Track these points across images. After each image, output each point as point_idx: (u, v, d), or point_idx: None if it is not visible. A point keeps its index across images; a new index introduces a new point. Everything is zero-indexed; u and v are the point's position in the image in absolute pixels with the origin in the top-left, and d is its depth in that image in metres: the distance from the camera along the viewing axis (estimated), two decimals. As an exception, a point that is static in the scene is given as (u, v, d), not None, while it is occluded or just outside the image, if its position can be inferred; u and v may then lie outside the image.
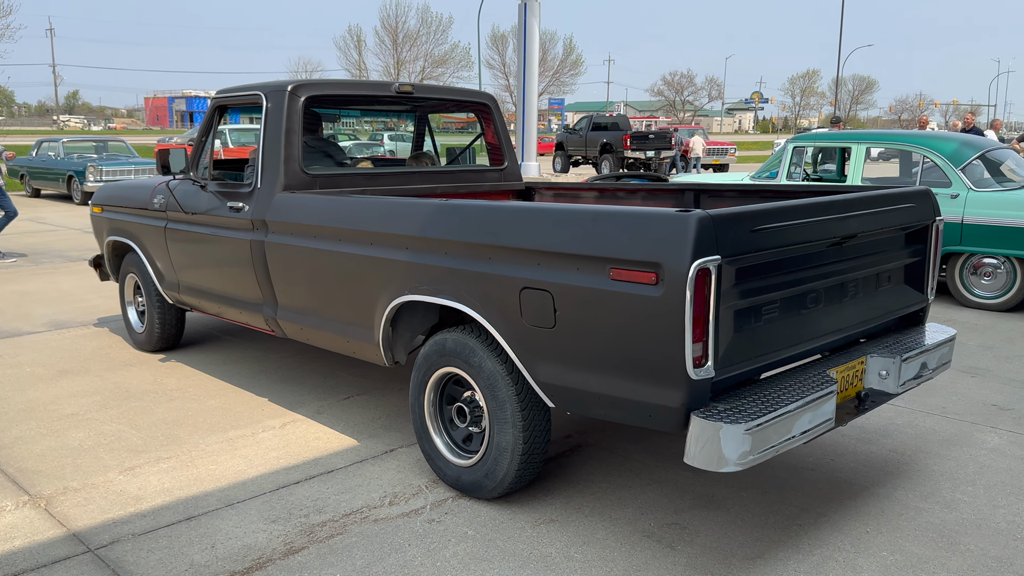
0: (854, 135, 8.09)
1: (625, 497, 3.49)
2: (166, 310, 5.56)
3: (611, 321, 2.74)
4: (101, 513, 3.35)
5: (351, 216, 3.76)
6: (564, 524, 3.25)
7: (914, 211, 3.56)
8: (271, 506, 3.41)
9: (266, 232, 4.28)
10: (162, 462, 3.87)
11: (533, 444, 3.24)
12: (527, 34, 21.54)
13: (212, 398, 4.78)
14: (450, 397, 3.56)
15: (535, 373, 3.05)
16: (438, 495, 3.51)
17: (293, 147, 4.32)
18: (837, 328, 3.24)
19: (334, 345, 4.04)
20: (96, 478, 3.69)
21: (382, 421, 4.39)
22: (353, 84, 4.81)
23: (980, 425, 4.36)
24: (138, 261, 5.60)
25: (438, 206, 3.37)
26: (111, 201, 5.79)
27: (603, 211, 2.77)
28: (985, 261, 7.14)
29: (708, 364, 2.62)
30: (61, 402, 4.72)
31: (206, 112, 4.95)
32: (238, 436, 4.19)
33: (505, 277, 3.04)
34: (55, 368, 5.39)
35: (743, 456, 2.58)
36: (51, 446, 4.06)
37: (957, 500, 3.48)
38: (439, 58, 66.71)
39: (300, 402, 4.70)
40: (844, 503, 3.44)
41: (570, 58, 71.25)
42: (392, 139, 25.33)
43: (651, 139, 25.71)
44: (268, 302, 4.42)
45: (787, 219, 2.85)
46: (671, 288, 2.55)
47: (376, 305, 3.68)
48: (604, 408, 2.87)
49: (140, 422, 4.39)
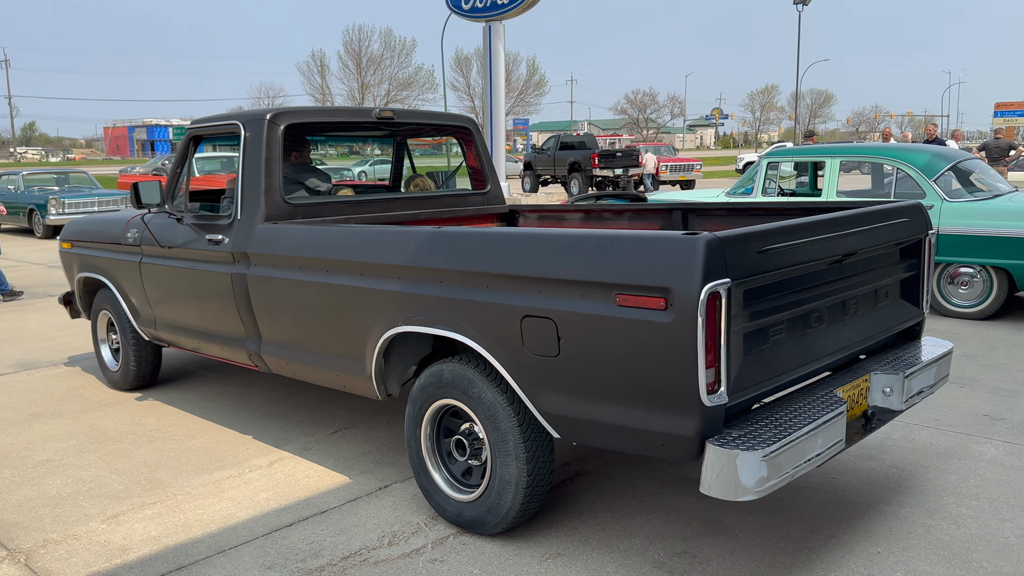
0: (828, 149, 8.16)
1: (631, 527, 3.41)
2: (142, 347, 5.39)
3: (618, 348, 2.66)
4: (85, 566, 3.18)
5: (339, 246, 3.66)
6: (572, 558, 3.15)
7: (908, 225, 3.55)
8: (265, 551, 3.27)
9: (248, 265, 4.16)
10: (146, 508, 3.70)
11: (537, 476, 3.15)
12: (492, 57, 21.55)
13: (194, 438, 4.62)
14: (447, 430, 3.46)
15: (539, 403, 2.96)
16: (438, 532, 3.39)
17: (273, 177, 4.22)
18: (840, 347, 3.20)
19: (323, 379, 3.92)
20: (77, 528, 3.51)
21: (373, 456, 4.27)
22: (333, 111, 4.72)
23: (976, 436, 4.35)
24: (111, 297, 5.42)
25: (431, 234, 3.28)
26: (81, 236, 5.61)
27: (607, 236, 2.71)
28: (961, 270, 7.21)
29: (721, 390, 2.55)
30: (35, 447, 4.52)
31: (180, 143, 4.82)
32: (224, 477, 4.04)
33: (505, 305, 2.96)
34: (26, 411, 5.19)
35: (761, 483, 2.51)
36: (27, 495, 3.88)
37: (963, 515, 3.44)
38: (403, 81, 66.84)
39: (286, 439, 4.56)
40: (851, 523, 3.39)
41: (534, 78, 71.79)
42: (369, 164, 25.25)
43: (619, 157, 25.89)
44: (251, 337, 4.28)
45: (792, 238, 2.80)
46: (681, 313, 2.49)
47: (368, 337, 3.57)
48: (613, 438, 2.79)
49: (120, 466, 4.21)
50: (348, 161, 31.56)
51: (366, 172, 28.19)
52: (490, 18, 18.06)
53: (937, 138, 14.01)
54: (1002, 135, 15.75)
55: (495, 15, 17.95)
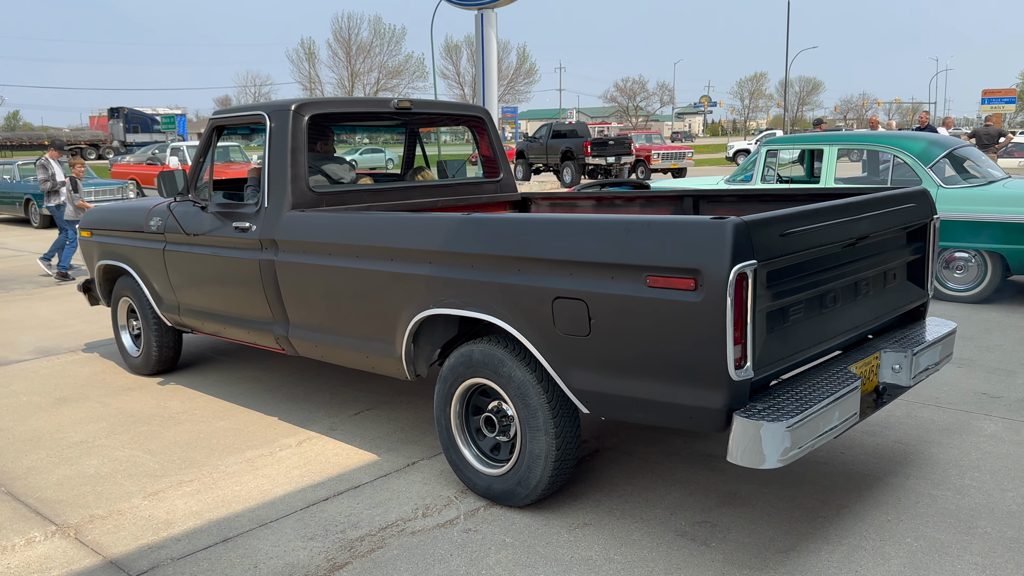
0: (826, 137, 8.33)
1: (652, 498, 3.58)
2: (164, 333, 5.51)
3: (648, 327, 2.82)
4: (134, 539, 3.33)
5: (370, 233, 3.80)
6: (598, 528, 3.32)
7: (915, 210, 3.72)
8: (305, 523, 3.43)
9: (276, 251, 4.29)
10: (184, 485, 3.85)
11: (565, 450, 3.31)
12: (485, 45, 21.58)
13: (221, 419, 4.76)
14: (476, 408, 3.62)
15: (568, 380, 3.12)
16: (469, 505, 3.55)
17: (299, 166, 4.34)
18: (853, 325, 3.37)
19: (352, 361, 4.06)
20: (121, 504, 3.66)
21: (398, 435, 4.42)
22: (354, 102, 4.85)
23: (975, 413, 4.54)
24: (133, 284, 5.54)
25: (463, 220, 3.43)
26: (102, 224, 5.72)
27: (637, 220, 2.86)
28: (957, 255, 7.41)
29: (747, 365, 2.72)
30: (66, 430, 4.65)
31: (204, 132, 4.94)
32: (256, 456, 4.18)
33: (537, 288, 3.11)
34: (52, 396, 5.31)
35: (784, 452, 2.68)
36: (67, 474, 4.01)
37: (967, 486, 3.63)
38: (393, 69, 66.67)
39: (311, 419, 4.71)
40: (862, 494, 3.57)
41: (524, 67, 71.71)
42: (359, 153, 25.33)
43: (611, 145, 26.00)
44: (278, 320, 4.42)
45: (811, 222, 2.96)
46: (711, 293, 2.64)
47: (398, 320, 3.72)
48: (642, 412, 2.95)
49: (153, 447, 4.35)
50: (340, 149, 31.62)
51: (356, 161, 28.32)
52: (482, 6, 18.08)
53: (929, 125, 14.23)
54: (992, 122, 15.98)
55: (488, 3, 17.97)
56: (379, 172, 6.85)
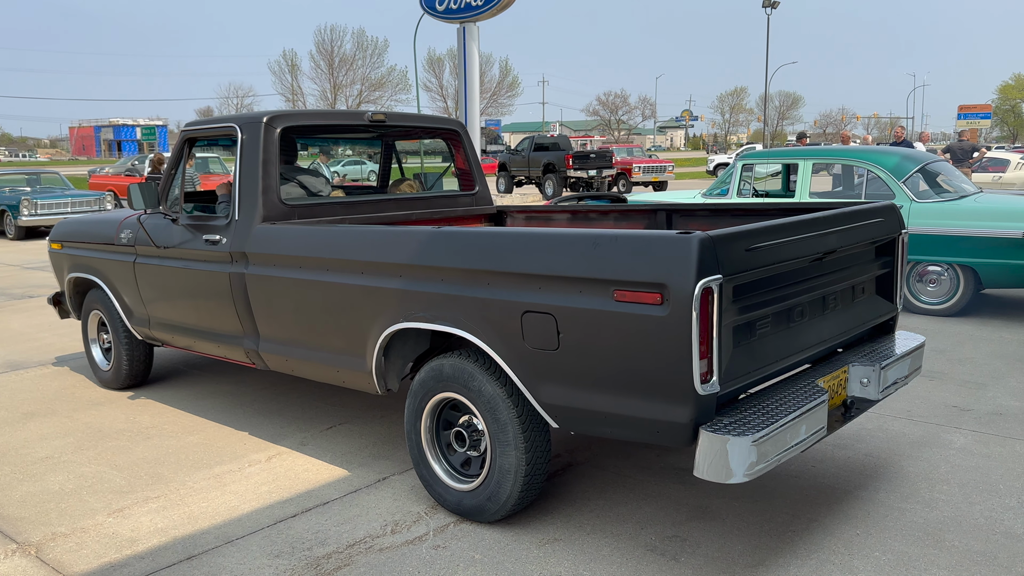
0: (801, 152, 8.40)
1: (623, 513, 3.56)
2: (134, 346, 5.45)
3: (616, 341, 2.82)
4: (96, 558, 3.27)
5: (340, 246, 3.77)
6: (568, 543, 3.30)
7: (883, 224, 3.75)
8: (272, 541, 3.38)
9: (246, 264, 4.25)
10: (150, 502, 3.79)
11: (535, 465, 3.29)
12: (467, 58, 21.60)
13: (190, 434, 4.70)
14: (446, 422, 3.59)
15: (538, 395, 3.10)
16: (439, 521, 3.52)
17: (271, 178, 4.32)
18: (821, 339, 3.39)
19: (322, 375, 4.03)
20: (84, 522, 3.60)
21: (369, 450, 4.38)
22: (327, 114, 4.83)
23: (945, 426, 4.57)
24: (103, 297, 5.48)
25: (433, 234, 3.41)
26: (72, 237, 5.66)
27: (605, 235, 2.86)
28: (930, 269, 7.47)
29: (713, 379, 2.72)
30: (32, 445, 4.58)
31: (175, 145, 4.90)
32: (224, 472, 4.13)
33: (507, 302, 3.10)
34: (19, 410, 5.23)
35: (751, 467, 2.68)
36: (30, 491, 3.94)
37: (936, 499, 3.65)
38: (376, 82, 66.68)
39: (282, 434, 4.66)
40: (831, 507, 3.58)
41: (507, 80, 71.97)
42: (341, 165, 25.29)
43: (592, 158, 26.13)
44: (249, 334, 4.38)
45: (777, 237, 2.98)
46: (677, 307, 2.64)
47: (368, 334, 3.69)
48: (610, 426, 2.94)
49: (120, 462, 4.29)
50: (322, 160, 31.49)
51: (338, 172, 28.25)
52: (464, 19, 18.13)
53: (905, 140, 14.38)
54: (966, 137, 16.19)
55: (469, 16, 18.02)
56: (353, 184, 6.83)
